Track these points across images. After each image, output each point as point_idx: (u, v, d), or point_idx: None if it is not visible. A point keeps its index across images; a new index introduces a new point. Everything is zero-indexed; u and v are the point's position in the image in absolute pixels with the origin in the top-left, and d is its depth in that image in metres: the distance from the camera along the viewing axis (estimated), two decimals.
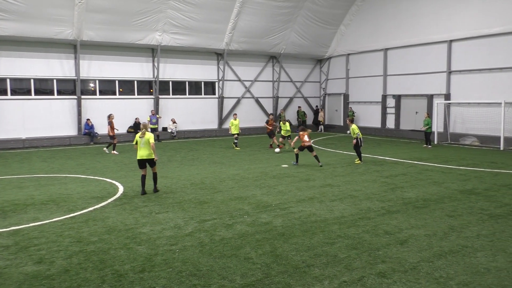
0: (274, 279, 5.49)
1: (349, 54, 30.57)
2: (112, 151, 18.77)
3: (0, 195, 10.57)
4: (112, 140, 18.76)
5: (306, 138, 14.94)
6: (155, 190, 10.75)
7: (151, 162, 10.56)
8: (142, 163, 10.49)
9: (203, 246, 6.72)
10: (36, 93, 22.86)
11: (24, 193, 10.83)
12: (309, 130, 16.12)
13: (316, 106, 33.48)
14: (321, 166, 14.48)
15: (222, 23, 25.65)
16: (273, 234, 7.32)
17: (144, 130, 10.41)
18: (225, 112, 28.61)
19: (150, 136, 10.42)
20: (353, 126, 15.35)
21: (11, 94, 22.24)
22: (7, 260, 6.24)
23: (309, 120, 32.80)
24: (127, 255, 6.38)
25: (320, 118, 31.75)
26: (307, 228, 7.63)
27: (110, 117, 18.95)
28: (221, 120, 28.58)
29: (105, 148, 19.36)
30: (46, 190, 11.16)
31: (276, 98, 31.13)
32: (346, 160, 15.89)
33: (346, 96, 31.20)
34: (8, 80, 22.03)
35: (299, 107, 31.83)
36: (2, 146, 21.30)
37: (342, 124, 31.16)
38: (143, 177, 10.60)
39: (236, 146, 20.43)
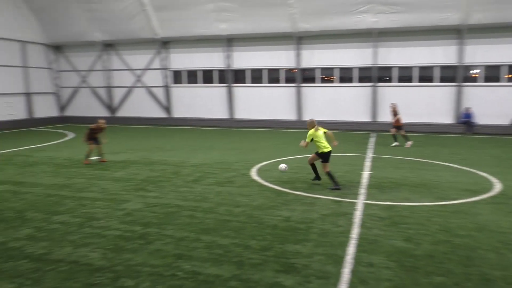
0: None
1: None
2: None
3: (380, 173, 11.93)
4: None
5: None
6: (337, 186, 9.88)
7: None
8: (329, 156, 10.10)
9: None
10: (419, 80, 24.14)
11: (399, 173, 11.80)
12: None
13: None
14: None
15: None
16: None
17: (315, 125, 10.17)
18: None
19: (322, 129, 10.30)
20: None
21: (394, 81, 24.53)
22: (381, 230, 7.05)
23: None
24: (497, 260, 5.78)
25: None
26: None
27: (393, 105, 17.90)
28: None
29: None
30: (419, 174, 11.67)
31: None
32: None
33: None
34: (396, 69, 24.41)
35: None
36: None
37: None
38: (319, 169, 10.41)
39: None
